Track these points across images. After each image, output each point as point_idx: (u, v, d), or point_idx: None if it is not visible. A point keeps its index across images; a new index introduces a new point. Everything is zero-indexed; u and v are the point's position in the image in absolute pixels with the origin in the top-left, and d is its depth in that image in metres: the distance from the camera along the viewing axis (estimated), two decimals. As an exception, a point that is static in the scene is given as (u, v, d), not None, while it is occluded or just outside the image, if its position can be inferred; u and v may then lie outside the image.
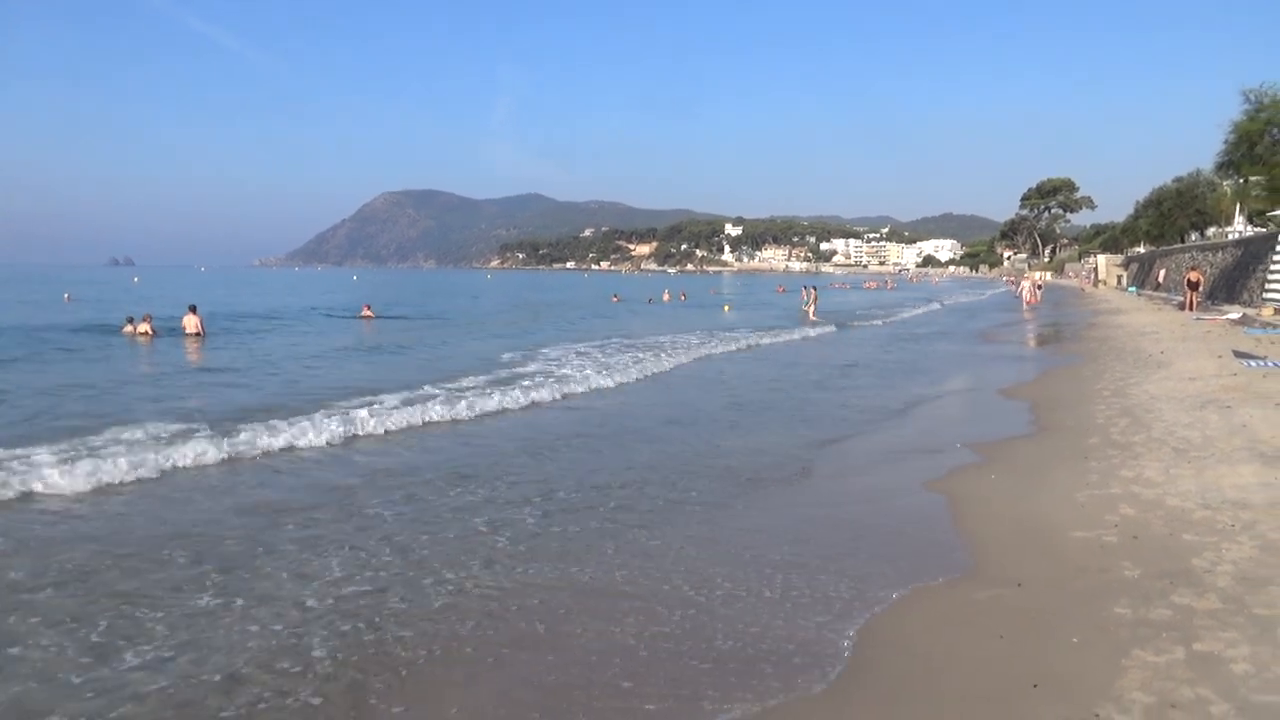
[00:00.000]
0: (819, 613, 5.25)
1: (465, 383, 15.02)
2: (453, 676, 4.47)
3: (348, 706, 4.14)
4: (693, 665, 4.58)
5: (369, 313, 35.38)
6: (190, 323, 25.40)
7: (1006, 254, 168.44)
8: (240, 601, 5.35)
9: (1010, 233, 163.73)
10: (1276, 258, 26.88)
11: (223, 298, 56.50)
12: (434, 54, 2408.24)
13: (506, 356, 20.24)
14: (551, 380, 15.40)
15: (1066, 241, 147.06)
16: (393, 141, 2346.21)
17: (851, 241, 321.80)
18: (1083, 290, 65.17)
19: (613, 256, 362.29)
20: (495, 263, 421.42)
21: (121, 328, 25.49)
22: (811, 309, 37.75)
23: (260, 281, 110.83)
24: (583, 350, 21.83)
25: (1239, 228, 48.57)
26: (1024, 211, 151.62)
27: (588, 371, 16.86)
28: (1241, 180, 42.39)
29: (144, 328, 24.45)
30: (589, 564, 6.12)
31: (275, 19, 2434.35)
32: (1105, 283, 70.44)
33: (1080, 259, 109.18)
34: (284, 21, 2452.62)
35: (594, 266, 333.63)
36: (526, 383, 14.92)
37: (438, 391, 13.74)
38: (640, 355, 20.28)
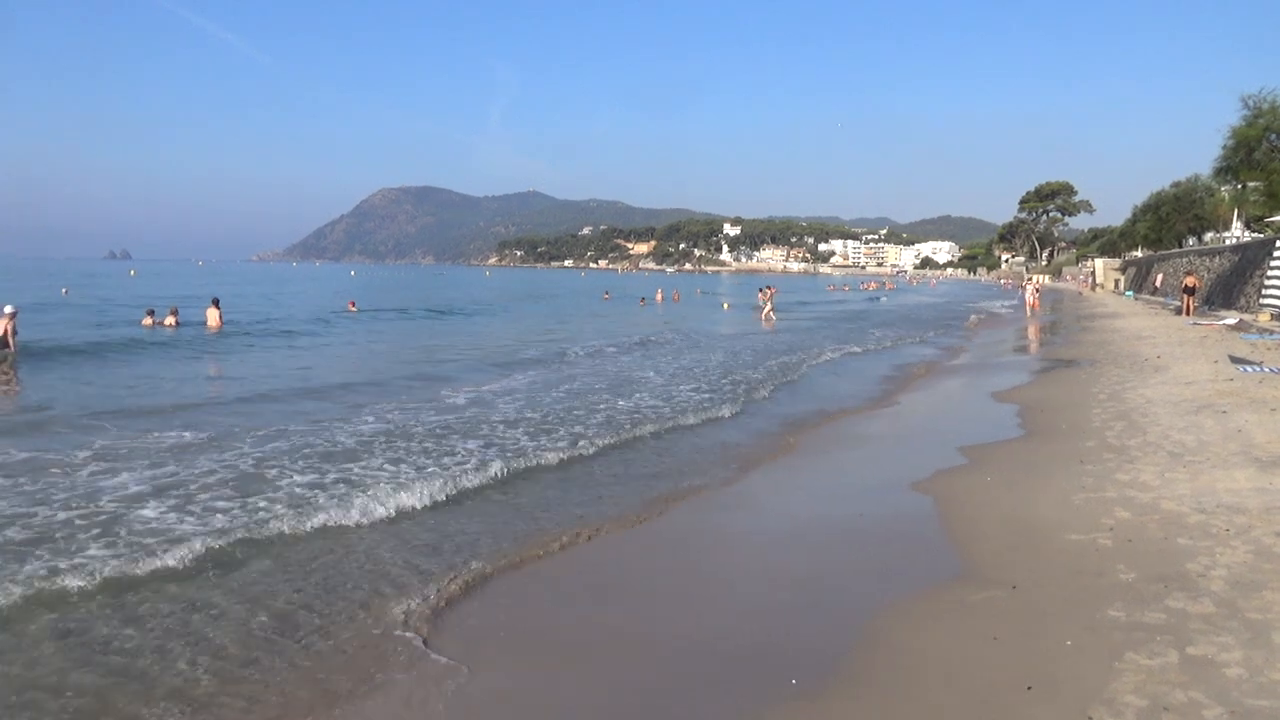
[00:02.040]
0: (813, 615, 5.26)
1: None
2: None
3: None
4: (691, 665, 4.61)
5: (353, 307, 39.65)
6: (212, 316, 27.19)
7: (1004, 257, 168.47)
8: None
9: (1008, 235, 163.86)
10: (1273, 263, 26.88)
11: (237, 293, 55.78)
12: (435, 51, 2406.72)
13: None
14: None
15: (1064, 245, 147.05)
16: (392, 138, 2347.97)
17: (849, 243, 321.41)
18: (1080, 294, 65.16)
19: (611, 255, 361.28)
20: (493, 260, 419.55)
21: (142, 320, 27.41)
22: (768, 310, 35.53)
23: (264, 277, 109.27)
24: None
25: (1236, 233, 48.64)
26: (1022, 214, 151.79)
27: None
28: (1239, 186, 42.46)
29: (170, 319, 26.82)
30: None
31: (275, 15, 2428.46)
32: (1103, 286, 70.50)
33: (1078, 262, 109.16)
34: (284, 18, 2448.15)
35: (592, 265, 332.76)
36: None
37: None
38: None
